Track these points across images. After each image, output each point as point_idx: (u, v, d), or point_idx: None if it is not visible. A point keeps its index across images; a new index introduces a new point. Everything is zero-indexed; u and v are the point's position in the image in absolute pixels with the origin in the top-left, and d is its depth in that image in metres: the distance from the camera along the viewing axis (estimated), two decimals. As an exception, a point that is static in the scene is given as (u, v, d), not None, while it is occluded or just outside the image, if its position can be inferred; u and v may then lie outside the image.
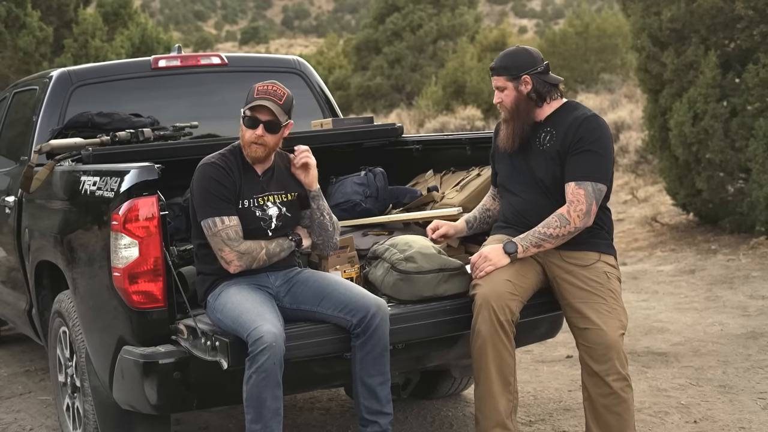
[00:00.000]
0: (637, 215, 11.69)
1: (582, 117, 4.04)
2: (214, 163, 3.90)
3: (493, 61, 4.20)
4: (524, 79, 4.08)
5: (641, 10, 10.01)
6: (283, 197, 4.02)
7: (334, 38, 45.44)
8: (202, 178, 3.88)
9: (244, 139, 3.93)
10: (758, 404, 4.95)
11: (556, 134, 4.06)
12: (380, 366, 3.81)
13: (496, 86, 4.14)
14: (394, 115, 25.15)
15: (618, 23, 28.21)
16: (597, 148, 3.99)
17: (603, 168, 4.00)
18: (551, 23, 71.19)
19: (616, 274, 4.08)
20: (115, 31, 17.44)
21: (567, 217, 3.95)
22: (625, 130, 16.09)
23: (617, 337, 3.90)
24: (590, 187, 3.95)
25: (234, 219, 3.85)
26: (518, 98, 4.09)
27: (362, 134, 5.34)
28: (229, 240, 3.82)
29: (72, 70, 5.61)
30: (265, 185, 3.99)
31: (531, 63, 4.11)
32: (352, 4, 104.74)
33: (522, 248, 3.99)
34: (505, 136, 4.15)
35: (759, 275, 8.05)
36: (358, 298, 3.81)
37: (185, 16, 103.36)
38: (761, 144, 8.75)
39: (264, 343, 3.55)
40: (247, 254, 3.85)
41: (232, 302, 3.77)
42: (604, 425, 3.93)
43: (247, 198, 3.93)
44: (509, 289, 3.92)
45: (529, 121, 4.11)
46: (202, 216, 3.85)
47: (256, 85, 3.94)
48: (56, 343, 4.76)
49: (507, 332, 3.90)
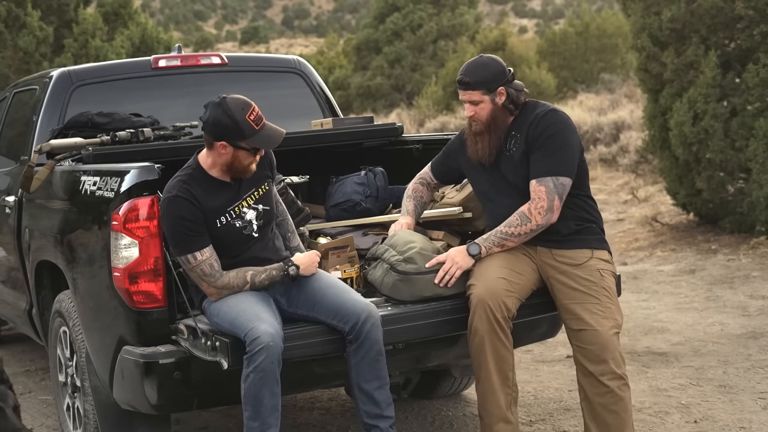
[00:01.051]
0: (637, 215, 11.68)
1: (540, 114, 4.05)
2: (177, 197, 3.78)
3: (461, 73, 4.10)
4: (499, 90, 4.05)
5: (641, 10, 10.00)
6: (256, 195, 3.96)
7: (334, 38, 45.43)
8: (168, 217, 3.78)
9: (240, 163, 3.83)
10: (758, 404, 4.95)
11: (520, 137, 4.07)
12: (376, 370, 3.81)
13: (471, 100, 4.07)
14: (394, 115, 25.15)
15: (618, 23, 28.21)
16: (555, 143, 3.99)
17: (563, 161, 3.99)
18: (551, 23, 71.18)
19: (610, 270, 4.08)
20: (115, 31, 17.41)
21: (528, 215, 3.96)
22: (625, 130, 16.09)
23: (611, 337, 3.91)
24: (551, 183, 3.96)
25: (206, 252, 3.78)
26: (494, 110, 4.06)
27: (362, 134, 5.34)
28: (205, 275, 3.79)
29: (72, 69, 5.61)
30: (237, 191, 3.92)
31: (503, 73, 4.09)
32: (352, 4, 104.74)
33: (485, 249, 4.02)
34: (481, 149, 4.12)
35: (759, 275, 8.05)
36: (349, 305, 3.80)
37: (185, 15, 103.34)
38: (761, 144, 8.74)
39: (261, 343, 3.55)
40: (227, 289, 3.82)
41: (228, 305, 3.77)
42: (603, 424, 3.93)
43: (222, 215, 3.86)
44: (504, 286, 3.93)
45: (503, 130, 4.10)
46: (175, 252, 3.81)
47: (247, 115, 3.76)
48: (56, 343, 4.76)
49: (504, 329, 3.91)
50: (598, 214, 4.18)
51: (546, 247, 4.07)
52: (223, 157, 3.82)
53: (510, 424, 3.97)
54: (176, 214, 3.76)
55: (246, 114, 3.76)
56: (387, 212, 5.00)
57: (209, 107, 3.81)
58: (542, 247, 4.07)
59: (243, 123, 3.76)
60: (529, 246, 4.08)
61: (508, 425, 3.97)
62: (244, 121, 3.76)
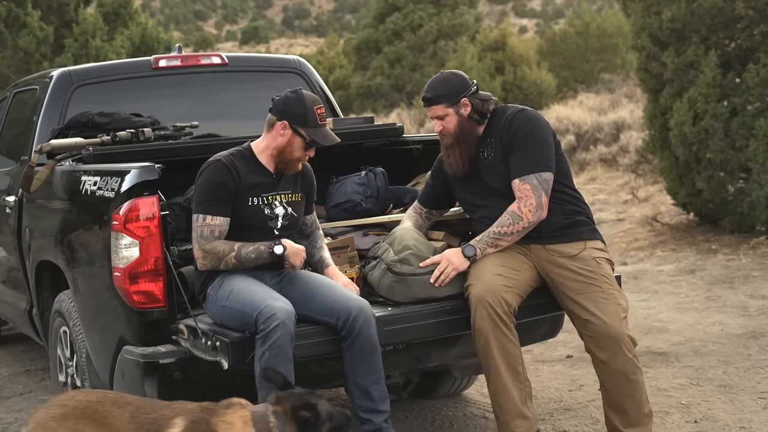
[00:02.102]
0: (638, 215, 11.68)
1: (510, 116, 4.14)
2: (218, 161, 3.92)
3: (425, 91, 4.20)
4: (463, 102, 4.14)
5: (641, 10, 10.00)
6: (290, 197, 4.05)
7: (335, 38, 45.36)
8: (204, 175, 3.91)
9: (291, 152, 3.96)
10: (758, 404, 4.95)
11: (494, 142, 4.14)
12: (371, 365, 3.81)
13: (436, 116, 4.17)
14: (394, 115, 25.13)
15: (618, 23, 28.21)
16: (529, 140, 4.06)
17: (541, 156, 4.05)
18: (551, 23, 71.17)
19: (605, 257, 4.13)
20: (116, 30, 17.42)
21: (519, 214, 4.00)
22: (626, 130, 16.09)
23: (619, 324, 3.95)
24: (534, 180, 4.01)
25: (217, 219, 3.85)
26: (461, 122, 4.15)
27: (362, 134, 5.34)
28: (200, 237, 3.85)
29: (72, 69, 5.61)
30: (275, 185, 4.01)
31: (465, 85, 4.18)
32: (352, 4, 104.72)
33: (480, 251, 4.05)
34: (454, 161, 4.19)
35: (759, 275, 8.05)
36: (340, 301, 3.82)
37: (185, 15, 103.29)
38: (761, 144, 8.75)
39: (277, 320, 3.57)
40: (212, 253, 3.84)
41: (239, 287, 3.79)
42: (621, 410, 4.00)
43: (256, 196, 3.95)
44: (501, 282, 3.96)
45: (473, 141, 4.17)
46: (194, 210, 3.90)
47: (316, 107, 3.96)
48: (57, 343, 4.76)
49: (507, 324, 3.93)
50: (585, 205, 4.23)
51: (539, 244, 4.10)
52: (279, 139, 3.95)
53: (527, 420, 3.98)
54: (212, 179, 3.87)
55: (315, 106, 3.97)
56: (387, 212, 5.00)
57: (284, 93, 4.01)
58: (535, 244, 4.11)
59: (310, 111, 3.94)
60: (522, 245, 4.11)
61: (526, 421, 3.98)
62: (312, 110, 3.95)
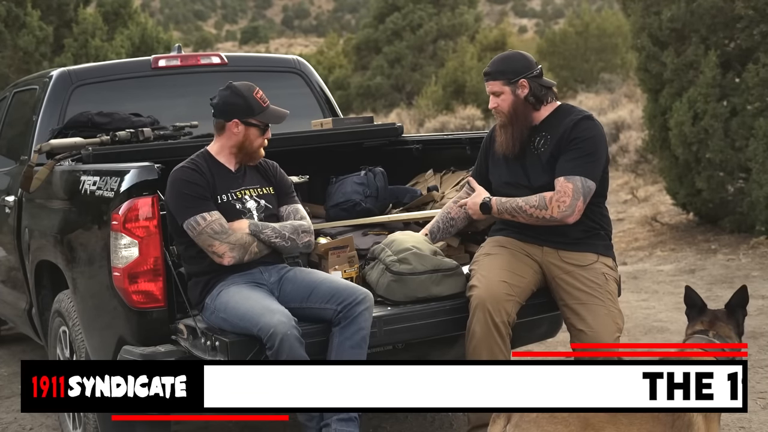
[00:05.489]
0: (637, 215, 11.68)
1: (576, 119, 4.06)
2: (183, 167, 3.93)
3: (487, 65, 4.19)
4: (521, 83, 4.07)
5: (641, 10, 10.00)
6: (259, 191, 4.06)
7: (334, 38, 45.36)
8: (174, 183, 3.88)
9: (251, 144, 3.99)
10: (758, 404, 4.94)
11: (551, 138, 4.06)
12: (357, 356, 3.74)
13: (492, 91, 4.12)
14: (394, 115, 25.13)
15: (618, 23, 28.19)
16: (588, 147, 3.99)
17: (593, 166, 3.99)
18: (551, 23, 71.17)
19: (614, 276, 4.08)
20: (115, 30, 17.41)
21: (547, 203, 3.95)
22: (625, 130, 16.08)
23: (612, 341, 3.92)
24: (579, 182, 3.94)
25: (215, 213, 3.85)
26: (516, 102, 4.08)
27: (362, 134, 5.34)
28: (216, 234, 3.82)
29: (72, 69, 5.61)
30: (239, 180, 4.03)
31: (527, 66, 4.11)
32: (352, 3, 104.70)
33: (496, 210, 4.09)
34: (505, 141, 4.13)
35: (759, 275, 8.05)
36: (344, 287, 3.83)
37: (185, 15, 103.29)
38: (761, 144, 8.74)
39: (278, 334, 3.55)
40: (239, 245, 3.84)
41: (235, 300, 3.76)
42: None
43: (225, 192, 3.97)
44: (505, 290, 3.92)
45: (527, 124, 4.10)
46: (182, 219, 3.84)
47: (254, 93, 3.99)
48: (56, 343, 4.76)
49: (502, 333, 3.90)
50: (608, 222, 4.19)
51: (553, 248, 4.07)
52: (234, 137, 3.97)
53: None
54: (185, 179, 3.87)
55: (253, 92, 3.99)
56: (387, 212, 5.00)
57: (217, 94, 4.02)
58: (549, 247, 4.08)
59: (252, 100, 3.97)
60: (535, 246, 4.09)
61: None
62: (253, 98, 3.97)
